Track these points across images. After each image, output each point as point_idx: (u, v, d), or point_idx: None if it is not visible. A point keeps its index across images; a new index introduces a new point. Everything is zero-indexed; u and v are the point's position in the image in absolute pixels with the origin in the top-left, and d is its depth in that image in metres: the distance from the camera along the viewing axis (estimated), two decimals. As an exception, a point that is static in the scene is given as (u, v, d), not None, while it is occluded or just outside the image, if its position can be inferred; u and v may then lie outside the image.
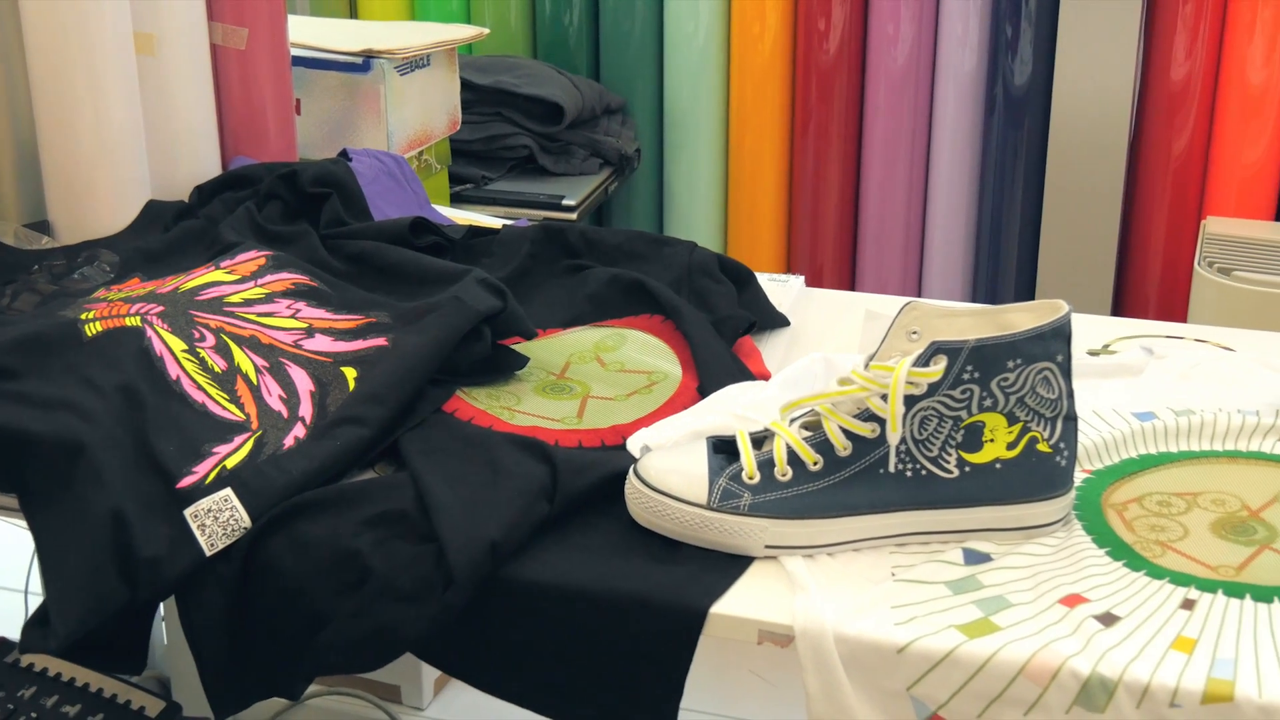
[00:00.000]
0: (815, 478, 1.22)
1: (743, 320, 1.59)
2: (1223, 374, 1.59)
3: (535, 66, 3.07)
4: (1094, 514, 1.30)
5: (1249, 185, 2.89)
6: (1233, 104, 2.86)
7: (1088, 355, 1.66)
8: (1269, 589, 1.17)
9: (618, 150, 3.04)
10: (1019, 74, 2.96)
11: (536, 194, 2.86)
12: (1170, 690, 1.05)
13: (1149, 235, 3.01)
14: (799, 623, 1.13)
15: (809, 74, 3.14)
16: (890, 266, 3.24)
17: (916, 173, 3.16)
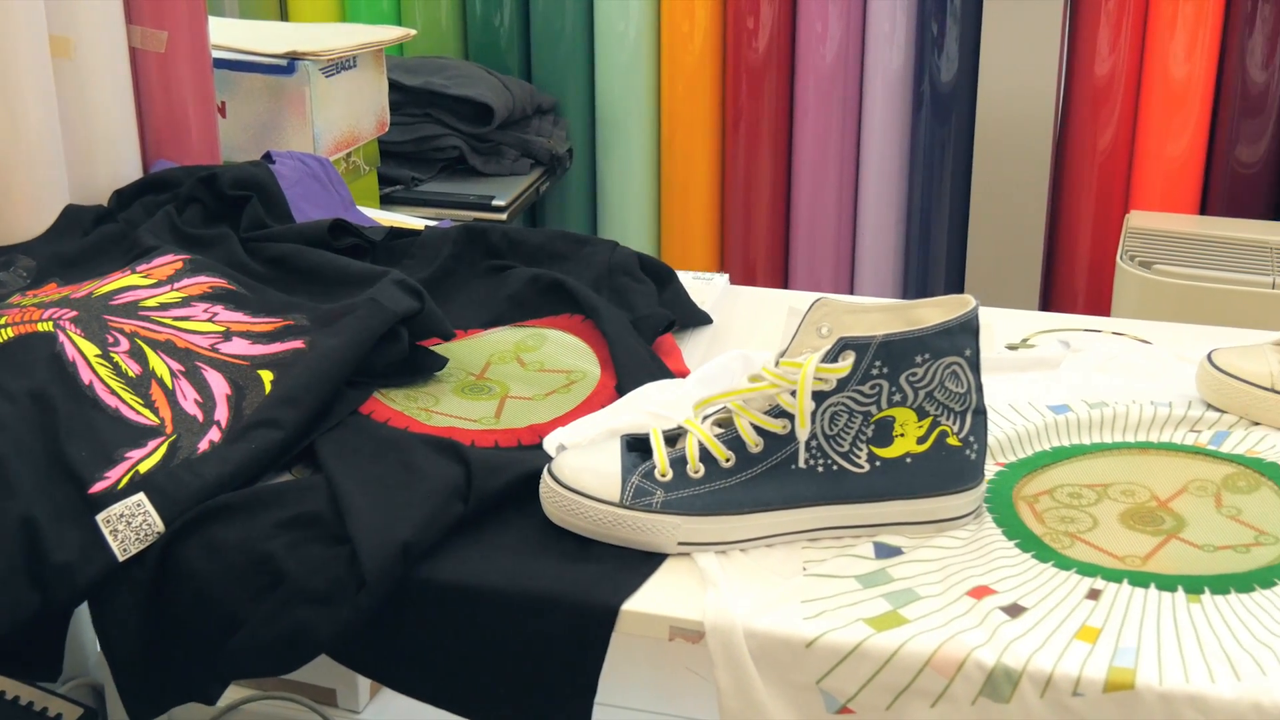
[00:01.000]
0: (727, 474, 1.22)
1: (661, 319, 1.60)
2: (1138, 366, 1.61)
3: (465, 67, 3.07)
4: (1005, 506, 1.31)
5: (1173, 179, 2.92)
6: (1156, 98, 2.88)
7: (1006, 349, 1.68)
8: (1173, 578, 1.19)
9: (549, 150, 3.04)
10: (945, 71, 2.98)
11: (466, 195, 2.86)
12: (1073, 679, 1.07)
13: (1076, 229, 3.03)
14: (709, 619, 1.13)
15: (739, 72, 3.15)
16: (822, 263, 3.26)
17: (847, 169, 3.18)
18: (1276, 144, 2.86)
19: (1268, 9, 2.76)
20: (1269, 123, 2.84)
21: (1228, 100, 2.86)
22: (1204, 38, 2.82)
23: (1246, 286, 2.40)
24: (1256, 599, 1.16)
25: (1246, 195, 2.89)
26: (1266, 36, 2.78)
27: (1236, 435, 1.45)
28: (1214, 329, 1.73)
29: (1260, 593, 1.17)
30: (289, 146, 2.33)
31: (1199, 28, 2.81)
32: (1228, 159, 2.88)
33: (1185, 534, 1.26)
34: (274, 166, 1.96)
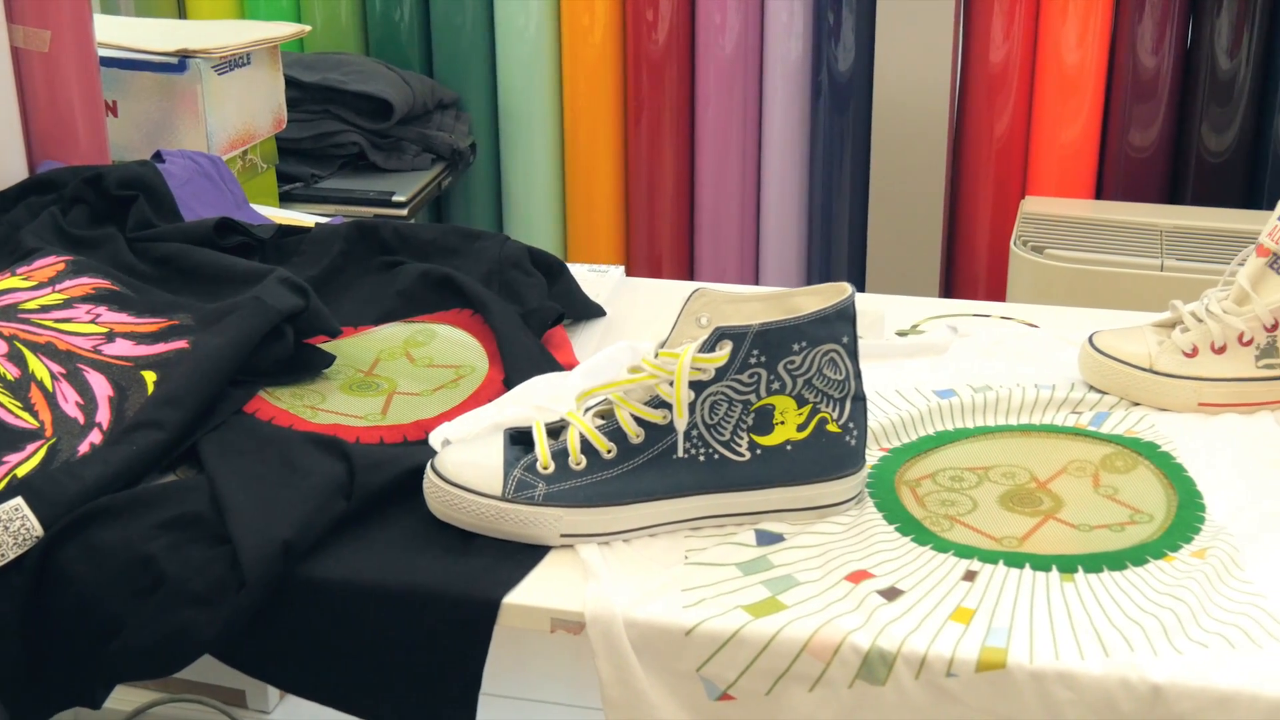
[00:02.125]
0: (609, 465, 1.23)
1: (551, 312, 1.60)
2: (1023, 350, 1.63)
3: (364, 63, 3.06)
4: (887, 491, 1.32)
5: (1069, 164, 2.95)
6: (1050, 85, 2.91)
7: (896, 336, 1.69)
8: (1048, 558, 1.20)
9: (450, 145, 3.04)
10: (843, 60, 3.00)
11: (366, 191, 2.85)
12: (946, 660, 1.08)
13: (975, 216, 3.06)
14: (589, 609, 1.14)
15: (639, 64, 3.16)
16: (727, 253, 3.27)
17: (749, 160, 3.19)
18: (1168, 128, 2.90)
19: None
20: (1160, 107, 2.87)
21: (1120, 86, 2.90)
22: (1095, 24, 2.86)
23: (1135, 269, 2.44)
24: (1129, 576, 1.18)
25: (1140, 179, 2.93)
26: (1155, 22, 2.82)
27: (1116, 416, 1.47)
28: (1101, 312, 1.75)
29: (1132, 570, 1.19)
30: (182, 145, 2.31)
31: (1090, 14, 2.85)
32: (1121, 144, 2.92)
33: (1062, 514, 1.28)
34: (164, 165, 1.95)
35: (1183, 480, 1.33)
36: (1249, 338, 1.46)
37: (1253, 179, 2.88)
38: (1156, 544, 1.23)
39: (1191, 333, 1.49)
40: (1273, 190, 2.85)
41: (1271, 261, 1.48)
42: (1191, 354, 1.48)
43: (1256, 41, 2.78)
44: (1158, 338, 1.51)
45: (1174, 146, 2.92)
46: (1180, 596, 1.14)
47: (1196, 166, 2.88)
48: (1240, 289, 1.49)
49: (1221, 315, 1.48)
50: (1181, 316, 1.52)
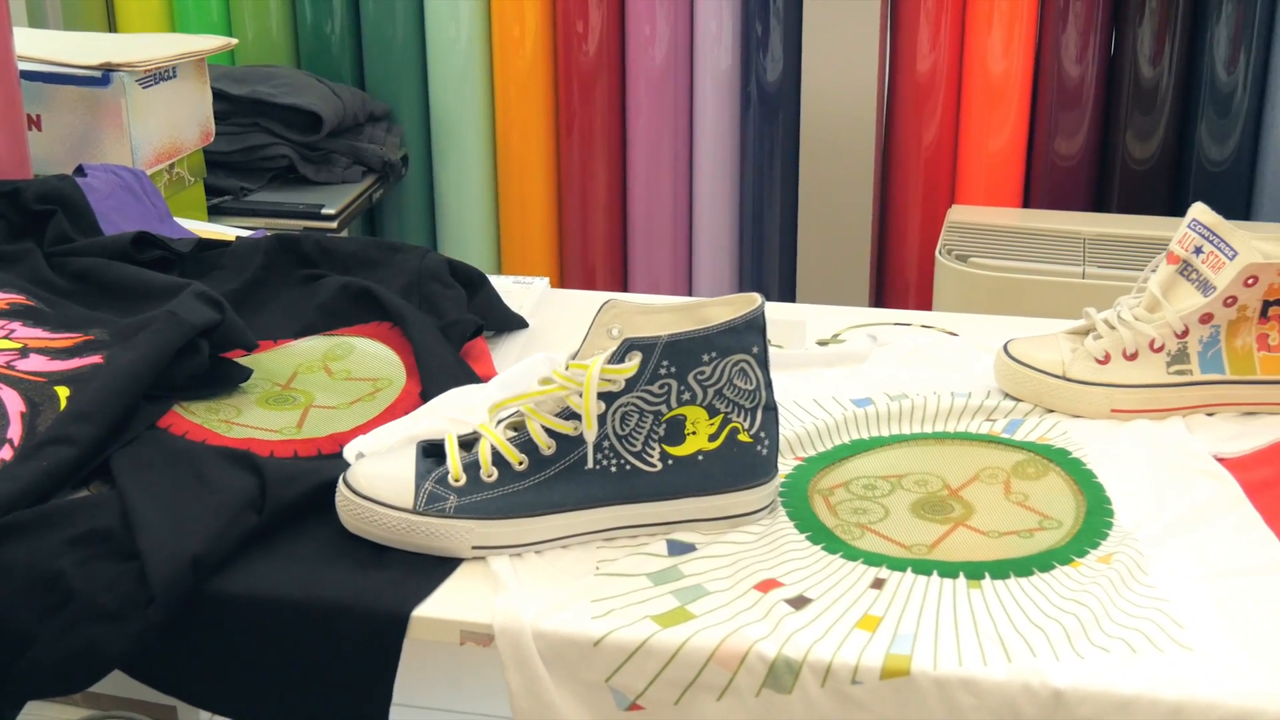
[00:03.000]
0: (521, 477, 1.23)
1: (469, 324, 1.60)
2: (941, 358, 1.64)
3: (294, 75, 3.05)
4: (800, 500, 1.33)
5: (996, 173, 2.97)
6: (977, 94, 2.94)
7: (816, 345, 1.70)
8: (956, 565, 1.21)
9: (381, 157, 3.03)
10: (771, 70, 3.01)
11: (296, 204, 2.85)
12: (851, 668, 1.09)
13: (904, 225, 3.08)
14: (498, 621, 1.14)
15: (570, 76, 3.17)
16: (660, 264, 3.28)
17: (680, 170, 3.20)
18: (1093, 136, 2.92)
19: (1079, 4, 2.83)
20: (1085, 115, 2.90)
21: (1045, 94, 2.93)
22: (1020, 33, 2.88)
23: (1058, 277, 2.46)
24: (1035, 582, 1.19)
25: (1066, 187, 2.96)
26: (1079, 31, 2.84)
27: (1030, 423, 1.48)
28: (1021, 319, 1.76)
29: (1039, 576, 1.20)
30: (106, 159, 2.30)
31: (1015, 23, 2.87)
32: (1047, 152, 2.94)
33: (972, 521, 1.29)
34: (86, 180, 1.94)
35: (1092, 486, 1.35)
36: (1160, 344, 1.48)
37: (1176, 186, 2.91)
38: (1063, 550, 1.24)
39: (1104, 340, 1.50)
40: (1197, 197, 2.88)
41: (1182, 269, 1.50)
42: (1104, 361, 1.50)
43: (1178, 50, 2.81)
44: (1071, 345, 1.53)
45: (1099, 154, 2.94)
46: (1084, 602, 1.15)
47: (1122, 174, 2.91)
48: (1152, 296, 1.50)
49: (1133, 322, 1.50)
50: (1095, 324, 1.53)
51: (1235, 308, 1.46)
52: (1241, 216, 2.88)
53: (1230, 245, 1.46)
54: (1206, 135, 2.84)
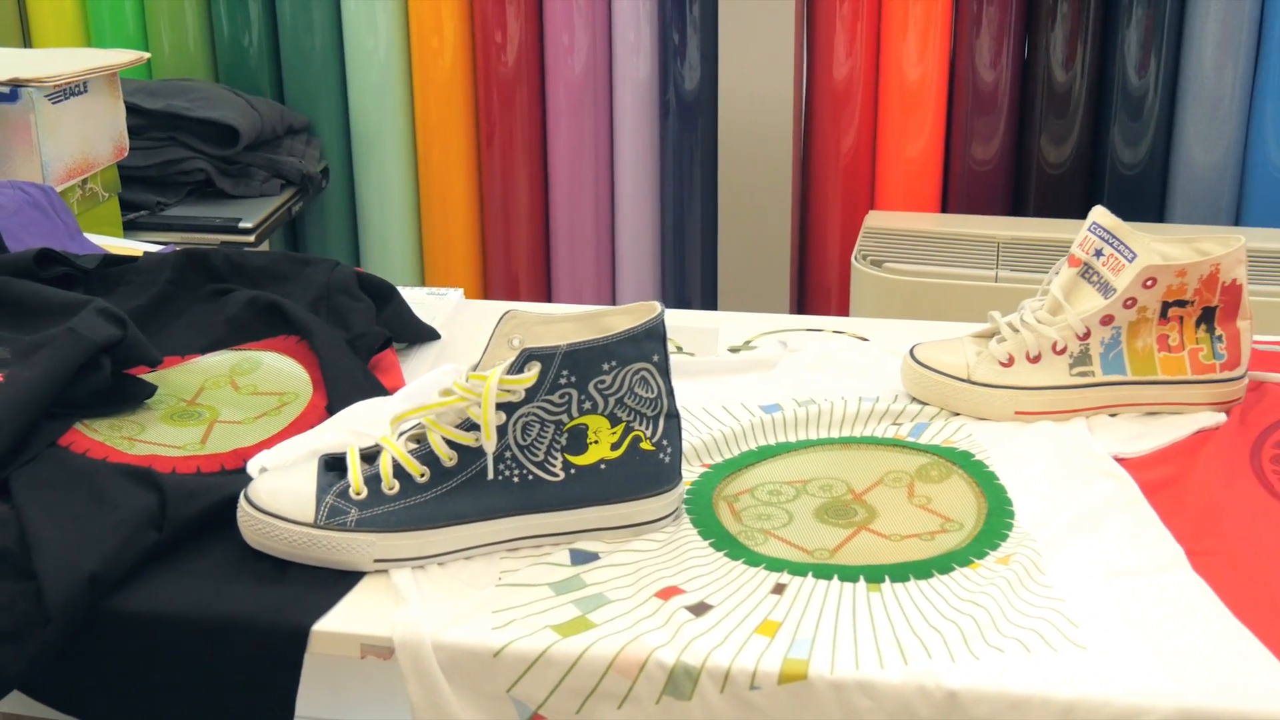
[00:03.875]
0: (422, 489, 1.23)
1: (377, 336, 1.60)
2: (851, 363, 1.65)
3: (210, 89, 3.03)
4: (704, 507, 1.33)
5: (914, 178, 2.99)
6: (893, 100, 2.95)
7: (728, 352, 1.71)
8: (856, 568, 1.22)
9: (300, 170, 3.02)
10: (689, 79, 3.02)
11: (213, 218, 2.83)
12: (750, 673, 1.09)
13: (824, 231, 3.10)
14: (398, 634, 1.14)
15: (490, 86, 3.17)
16: (583, 272, 3.28)
17: (602, 179, 3.21)
18: (1008, 141, 2.94)
19: (992, 10, 2.85)
20: (1000, 121, 2.92)
21: (960, 100, 2.95)
22: (934, 40, 2.90)
23: (971, 281, 2.48)
24: (934, 584, 1.20)
25: (984, 192, 2.98)
26: (993, 36, 2.86)
27: (935, 426, 1.49)
28: (932, 324, 1.77)
29: (938, 578, 1.21)
30: (16, 175, 2.28)
31: (929, 29, 2.89)
32: (964, 157, 2.96)
33: (875, 525, 1.30)
34: (-10, 197, 1.92)
35: (994, 488, 1.36)
36: (1062, 346, 1.49)
37: (1091, 189, 2.94)
38: (963, 552, 1.25)
39: (1007, 343, 1.52)
40: (1111, 200, 2.91)
41: (1083, 271, 1.51)
42: (1008, 364, 1.51)
43: (1090, 54, 2.84)
44: (976, 348, 1.54)
45: (1015, 159, 2.97)
46: (981, 603, 1.16)
47: (1037, 178, 2.94)
48: (1054, 299, 1.52)
49: (1036, 325, 1.51)
50: (999, 327, 1.54)
51: (1135, 309, 1.47)
52: (1155, 219, 2.92)
53: (1129, 248, 1.48)
54: (1119, 139, 2.87)
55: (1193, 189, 2.86)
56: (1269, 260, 2.54)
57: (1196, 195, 2.87)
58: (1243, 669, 1.07)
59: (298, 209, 3.06)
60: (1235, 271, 1.49)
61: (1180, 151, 2.86)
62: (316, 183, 3.11)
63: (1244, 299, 1.50)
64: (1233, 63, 2.76)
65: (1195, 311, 1.49)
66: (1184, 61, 2.81)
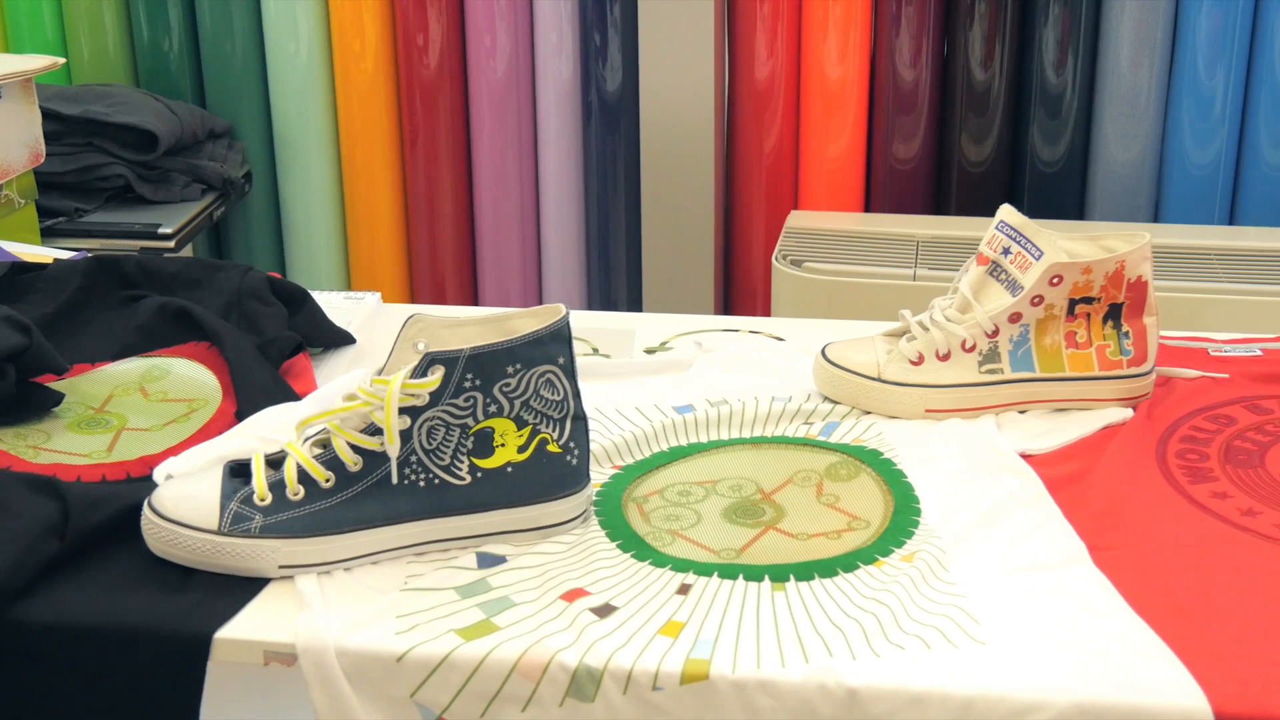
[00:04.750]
0: (327, 495, 1.23)
1: (289, 341, 1.60)
2: (765, 363, 1.65)
3: (129, 94, 3.01)
4: (614, 508, 1.33)
5: (837, 178, 3.00)
6: (815, 100, 2.96)
7: (644, 353, 1.71)
8: (761, 568, 1.22)
9: (221, 174, 3.00)
10: (610, 80, 3.02)
11: (132, 223, 2.81)
12: (652, 674, 1.09)
13: (749, 231, 3.10)
14: (300, 640, 1.13)
15: (412, 88, 3.16)
16: (509, 275, 3.27)
17: (526, 181, 3.20)
18: (929, 140, 2.96)
19: (911, 10, 2.86)
20: (921, 120, 2.94)
21: (882, 99, 2.96)
22: (855, 39, 2.91)
23: (890, 280, 2.49)
24: (838, 583, 1.20)
25: (906, 191, 2.99)
26: (912, 36, 2.88)
27: (846, 425, 1.50)
28: (849, 323, 1.78)
29: (842, 577, 1.21)
30: (-72, 183, 2.26)
31: (849, 29, 2.90)
32: (886, 156, 2.97)
33: (783, 524, 1.31)
34: (-100, 205, 1.90)
35: (901, 486, 1.36)
36: (971, 344, 1.50)
37: (1012, 188, 2.96)
38: (868, 550, 1.25)
39: (917, 341, 1.52)
40: (1031, 198, 2.93)
41: (991, 269, 1.52)
42: (918, 362, 1.52)
43: (1008, 53, 2.86)
44: (886, 347, 1.55)
45: (936, 158, 2.98)
46: (884, 601, 1.16)
47: (959, 177, 2.95)
48: (963, 297, 1.53)
49: (945, 323, 1.52)
50: (909, 326, 1.55)
51: (1042, 307, 1.48)
52: (1075, 216, 2.94)
53: (1036, 245, 1.49)
54: (1038, 137, 2.89)
55: (1111, 186, 2.88)
56: (1183, 256, 2.56)
57: (1115, 192, 2.89)
58: (1139, 663, 1.08)
59: (220, 214, 3.04)
60: (1141, 268, 1.50)
61: (1099, 149, 2.88)
62: (239, 187, 3.09)
63: (1150, 295, 1.51)
64: (1148, 61, 2.79)
65: (1102, 308, 1.50)
66: (1101, 60, 2.83)
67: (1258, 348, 1.67)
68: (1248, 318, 2.37)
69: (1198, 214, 2.88)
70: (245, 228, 3.35)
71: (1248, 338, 1.70)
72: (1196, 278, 2.47)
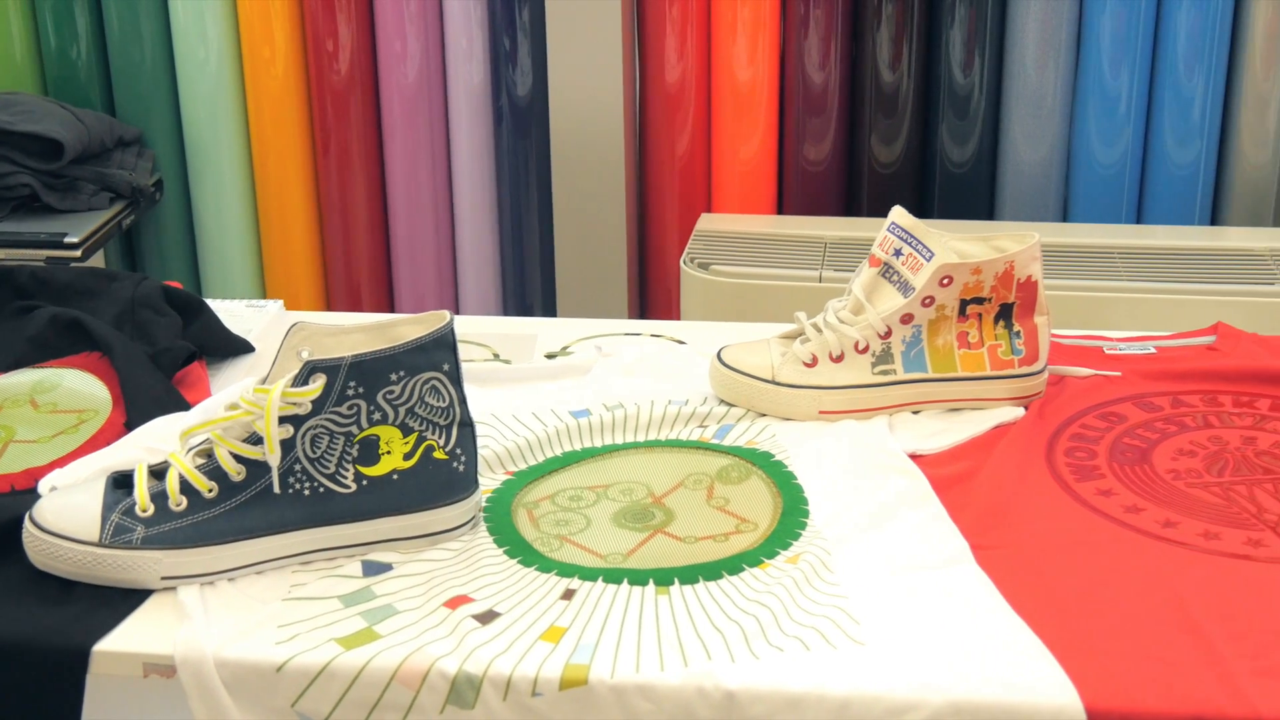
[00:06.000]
0: (210, 505, 1.22)
1: (181, 351, 1.59)
2: (664, 367, 1.66)
3: (35, 102, 2.98)
4: (503, 515, 1.33)
5: (749, 180, 3.00)
6: (726, 103, 2.96)
7: (545, 358, 1.71)
8: (646, 572, 1.23)
9: (129, 183, 2.97)
10: (521, 85, 3.01)
11: (37, 233, 2.78)
12: (531, 680, 1.09)
13: (663, 235, 3.10)
14: (179, 652, 1.13)
15: (323, 95, 3.14)
16: (425, 281, 3.26)
17: (440, 186, 3.19)
18: (840, 141, 2.97)
19: (819, 12, 2.87)
20: (831, 121, 2.94)
21: (792, 101, 2.96)
22: (764, 41, 2.91)
23: (795, 281, 2.49)
24: (722, 586, 1.21)
25: (818, 192, 3.00)
26: (820, 37, 2.88)
27: (740, 428, 1.50)
28: (752, 325, 1.78)
29: (727, 579, 1.22)
30: None
31: (758, 31, 2.90)
32: (797, 158, 2.98)
33: (671, 528, 1.31)
34: None
35: (791, 488, 1.37)
36: (864, 346, 1.51)
37: (922, 188, 2.97)
38: (754, 552, 1.26)
39: (811, 343, 1.53)
40: (941, 199, 2.94)
41: (883, 271, 1.53)
42: (811, 364, 1.52)
43: (916, 54, 2.87)
44: (781, 349, 1.55)
45: (847, 159, 2.99)
46: (766, 603, 1.17)
47: (869, 178, 2.96)
48: (856, 299, 1.53)
49: (838, 325, 1.52)
50: (804, 328, 1.56)
51: (934, 307, 1.49)
52: (985, 216, 2.95)
53: (927, 246, 1.50)
54: (947, 137, 2.91)
55: (1020, 186, 2.90)
56: (1089, 255, 2.58)
57: (1024, 192, 2.91)
58: (1014, 661, 1.09)
59: (129, 222, 3.01)
60: (1030, 268, 1.51)
61: (1007, 149, 2.90)
62: (149, 195, 3.06)
63: (1041, 295, 1.52)
64: (1054, 61, 2.81)
65: (993, 308, 1.51)
66: (1007, 60, 2.85)
67: (1152, 345, 1.69)
68: (1153, 316, 2.40)
69: (1106, 213, 2.90)
70: (158, 236, 3.32)
71: (1143, 336, 1.72)
72: (1103, 276, 2.49)
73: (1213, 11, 2.74)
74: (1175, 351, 1.67)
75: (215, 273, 3.31)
